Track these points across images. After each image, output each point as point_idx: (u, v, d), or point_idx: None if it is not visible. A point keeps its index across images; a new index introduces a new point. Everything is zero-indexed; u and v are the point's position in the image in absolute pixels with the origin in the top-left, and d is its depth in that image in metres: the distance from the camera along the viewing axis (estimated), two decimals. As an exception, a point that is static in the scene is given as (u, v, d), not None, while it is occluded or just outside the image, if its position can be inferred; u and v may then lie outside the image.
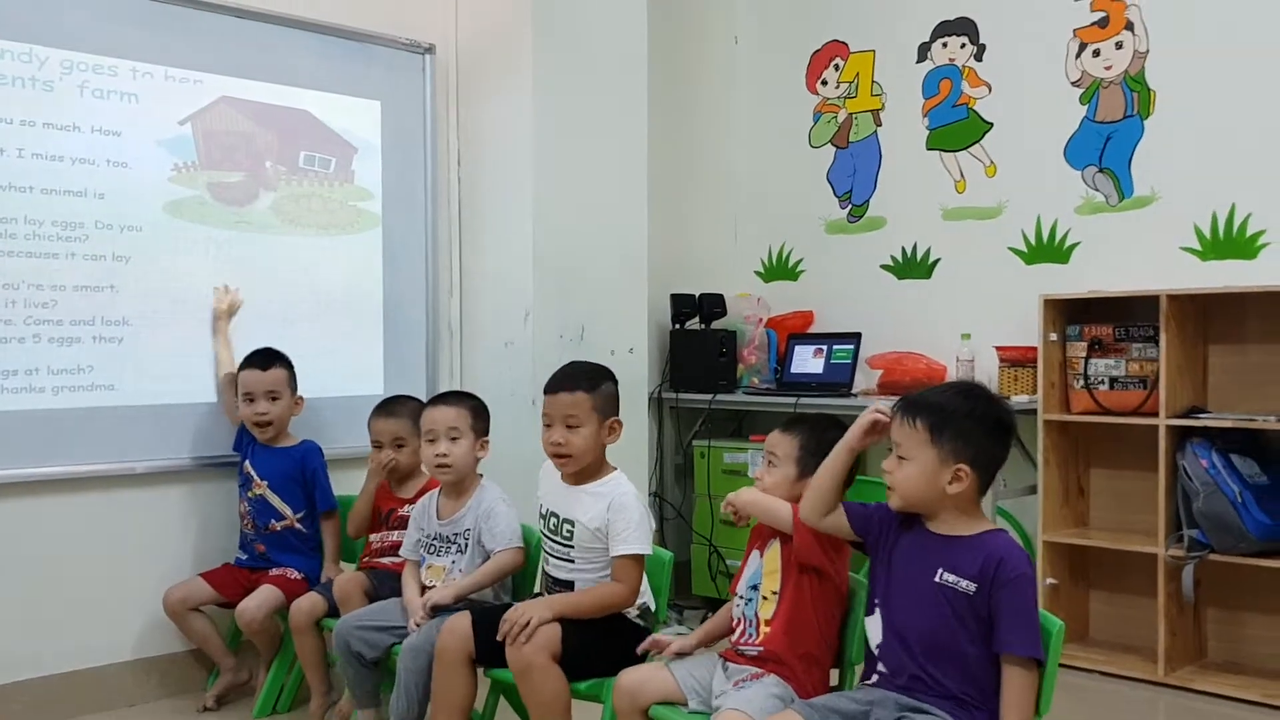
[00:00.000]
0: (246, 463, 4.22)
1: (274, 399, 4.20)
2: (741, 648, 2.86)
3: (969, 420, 2.54)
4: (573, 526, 3.24)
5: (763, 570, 2.89)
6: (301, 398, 4.30)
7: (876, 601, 2.62)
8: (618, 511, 3.16)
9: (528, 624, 3.02)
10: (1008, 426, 2.61)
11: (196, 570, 4.19)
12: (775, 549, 2.88)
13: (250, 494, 4.17)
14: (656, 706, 2.83)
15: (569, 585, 3.24)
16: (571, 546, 3.24)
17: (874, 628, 2.62)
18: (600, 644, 3.11)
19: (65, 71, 4.03)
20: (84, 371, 4.06)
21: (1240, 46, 4.54)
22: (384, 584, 3.76)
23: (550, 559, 3.32)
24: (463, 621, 3.19)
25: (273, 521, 4.16)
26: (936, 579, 2.49)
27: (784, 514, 2.82)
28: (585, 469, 3.29)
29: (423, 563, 3.64)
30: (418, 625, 3.37)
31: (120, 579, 4.14)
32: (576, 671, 3.08)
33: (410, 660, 3.30)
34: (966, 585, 2.45)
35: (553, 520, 3.31)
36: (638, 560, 3.15)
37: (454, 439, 3.63)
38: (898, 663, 2.52)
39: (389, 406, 4.13)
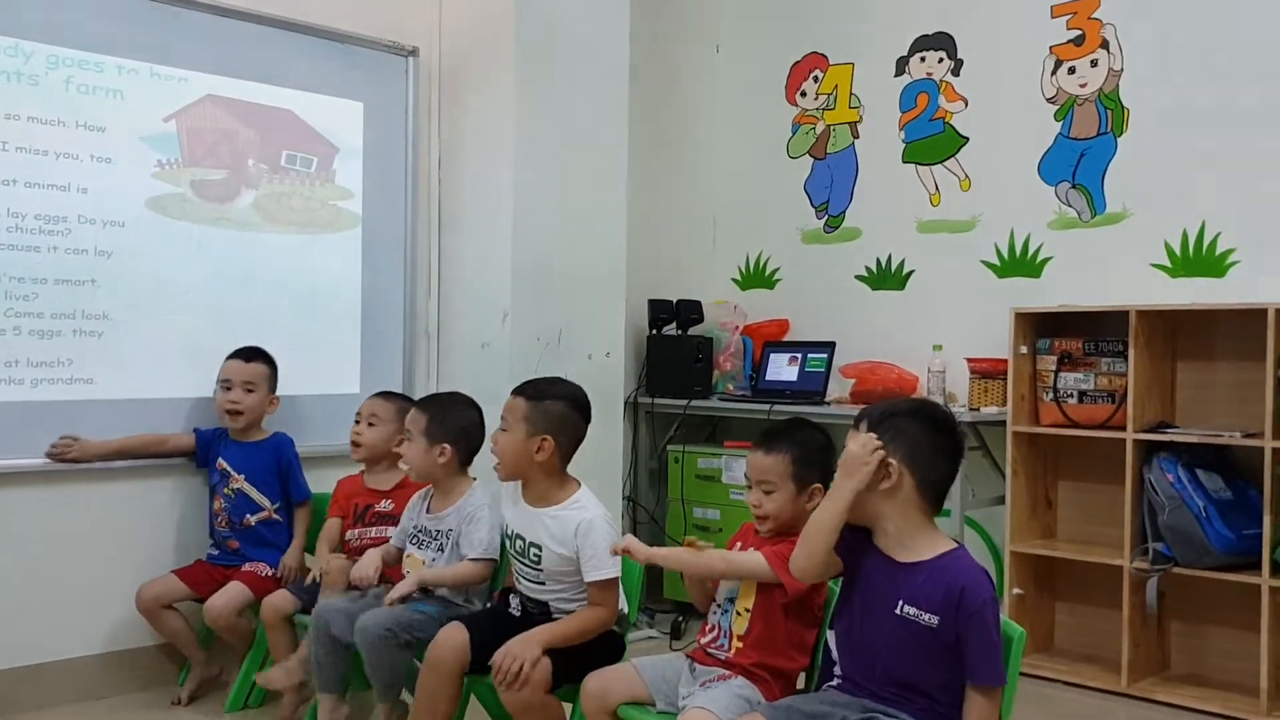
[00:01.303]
0: (220, 460, 4.24)
1: (249, 390, 4.24)
2: (711, 650, 2.88)
3: (905, 419, 2.52)
4: (540, 551, 3.21)
5: (740, 585, 2.88)
6: (277, 398, 4.33)
7: (839, 619, 2.62)
8: (584, 537, 3.12)
9: (520, 669, 3.00)
10: (949, 427, 2.58)
11: (170, 565, 4.20)
12: None
13: (227, 489, 4.20)
14: (624, 707, 2.86)
15: (544, 605, 3.25)
16: (541, 570, 3.23)
17: (835, 643, 2.63)
18: (576, 653, 3.11)
19: (51, 66, 4.04)
20: (63, 365, 4.07)
21: (1213, 66, 4.60)
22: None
23: (521, 579, 3.31)
24: (460, 635, 3.16)
25: (248, 516, 4.18)
26: (898, 611, 2.46)
27: (757, 567, 2.79)
28: (541, 490, 3.25)
29: (404, 551, 3.68)
30: (358, 585, 3.57)
31: (94, 572, 4.14)
32: (555, 679, 3.08)
33: (359, 638, 3.35)
34: (929, 619, 2.42)
35: (519, 543, 3.28)
36: (612, 582, 3.15)
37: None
38: (862, 678, 2.52)
39: (385, 393, 4.26)
